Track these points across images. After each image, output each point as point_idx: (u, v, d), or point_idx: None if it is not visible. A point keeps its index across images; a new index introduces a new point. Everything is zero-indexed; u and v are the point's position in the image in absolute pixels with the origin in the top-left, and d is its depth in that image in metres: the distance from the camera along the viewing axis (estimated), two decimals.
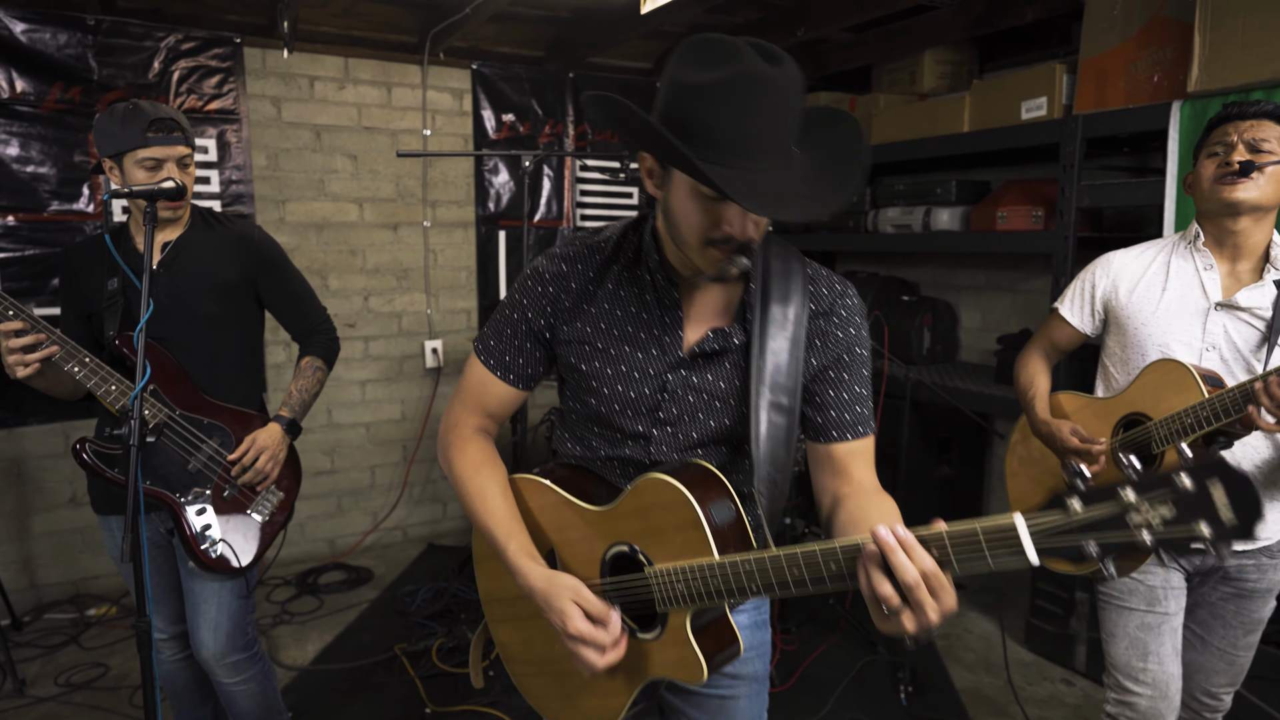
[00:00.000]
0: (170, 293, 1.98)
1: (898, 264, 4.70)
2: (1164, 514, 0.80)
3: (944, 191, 3.74)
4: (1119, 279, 1.92)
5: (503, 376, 1.32)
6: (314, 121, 3.81)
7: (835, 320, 1.25)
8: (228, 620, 2.04)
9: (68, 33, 3.28)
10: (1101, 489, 0.83)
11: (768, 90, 0.99)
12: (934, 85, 4.13)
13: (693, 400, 1.24)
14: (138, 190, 1.69)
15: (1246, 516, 0.76)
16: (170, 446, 1.96)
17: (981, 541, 0.88)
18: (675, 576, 1.13)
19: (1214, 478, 0.78)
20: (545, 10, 4.03)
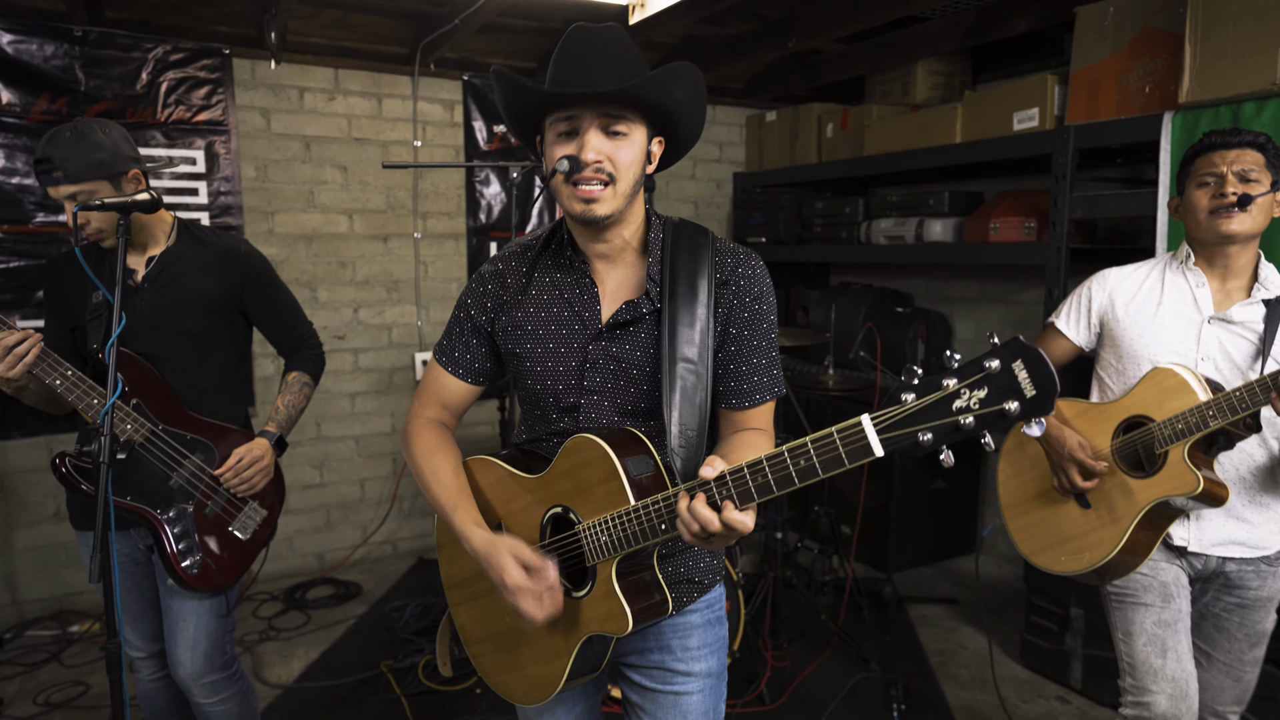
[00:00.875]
0: (154, 308, 1.96)
1: (892, 275, 4.68)
2: (979, 396, 0.89)
3: (937, 202, 3.73)
4: (1115, 293, 1.97)
5: (453, 371, 1.46)
6: (303, 133, 3.79)
7: (734, 287, 1.33)
8: (206, 639, 2.00)
9: (54, 44, 3.27)
10: (928, 380, 0.93)
11: (587, 36, 1.25)
12: (926, 96, 4.13)
13: (614, 369, 1.34)
14: (111, 203, 1.66)
15: (1045, 390, 0.85)
16: (152, 461, 1.93)
17: (836, 440, 0.99)
18: (599, 528, 1.24)
19: (1016, 358, 0.87)
20: (536, 21, 4.02)
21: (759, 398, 1.36)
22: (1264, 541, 1.84)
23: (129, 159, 1.92)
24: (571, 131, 1.24)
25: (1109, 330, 1.97)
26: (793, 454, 1.03)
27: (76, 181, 1.81)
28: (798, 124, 4.58)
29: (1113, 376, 1.98)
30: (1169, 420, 1.78)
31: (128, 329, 1.91)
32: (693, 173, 4.90)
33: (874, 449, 0.96)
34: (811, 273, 5.14)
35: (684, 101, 1.28)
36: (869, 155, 4.00)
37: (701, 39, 4.28)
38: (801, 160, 4.55)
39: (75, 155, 1.81)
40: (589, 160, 1.22)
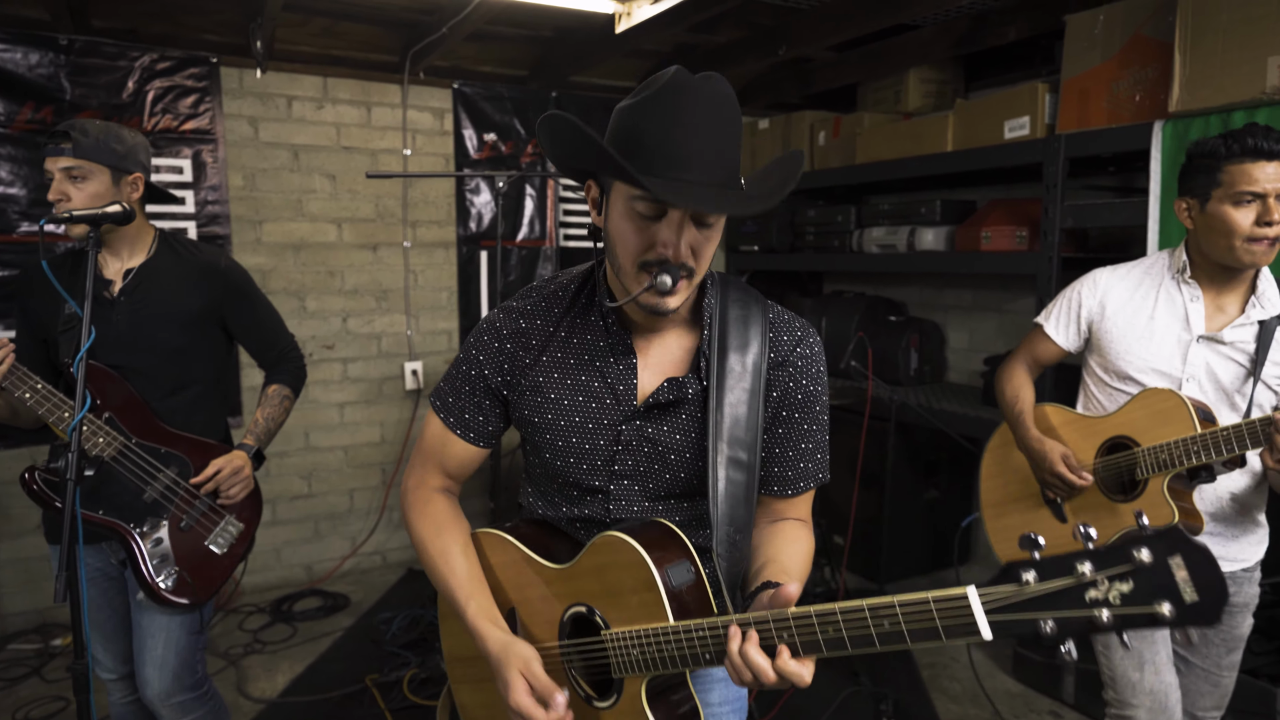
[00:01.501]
0: (132, 321, 1.93)
1: (885, 284, 4.66)
2: (1122, 590, 0.76)
3: (928, 211, 3.70)
4: (1106, 299, 1.90)
5: (462, 435, 1.28)
6: (292, 141, 3.77)
7: (790, 370, 1.20)
8: (175, 658, 1.96)
9: (39, 52, 3.25)
10: (1057, 560, 0.79)
11: (694, 98, 1.01)
12: (919, 104, 4.11)
13: (649, 452, 1.19)
14: (79, 215, 1.64)
15: (1210, 596, 0.72)
16: (125, 475, 1.90)
17: (933, 610, 0.84)
18: (630, 641, 1.09)
19: (1175, 553, 0.73)
20: (528, 29, 4.00)
21: (803, 485, 1.24)
22: (1242, 554, 1.83)
23: (139, 164, 1.95)
24: (657, 214, 1.04)
25: (1097, 337, 1.91)
26: (875, 614, 0.87)
27: (80, 156, 1.81)
28: (790, 132, 4.56)
29: (1098, 386, 1.93)
30: (1155, 449, 1.74)
31: (102, 342, 1.89)
32: None
33: (981, 630, 0.81)
34: (805, 281, 5.12)
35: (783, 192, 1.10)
36: (861, 164, 3.98)
37: (693, 47, 4.26)
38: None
39: (93, 136, 1.84)
40: (680, 258, 1.04)
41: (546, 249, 4.45)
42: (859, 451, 3.51)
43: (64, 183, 1.84)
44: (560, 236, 4.49)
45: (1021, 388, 2.04)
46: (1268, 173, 1.61)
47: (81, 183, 1.84)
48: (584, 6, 2.54)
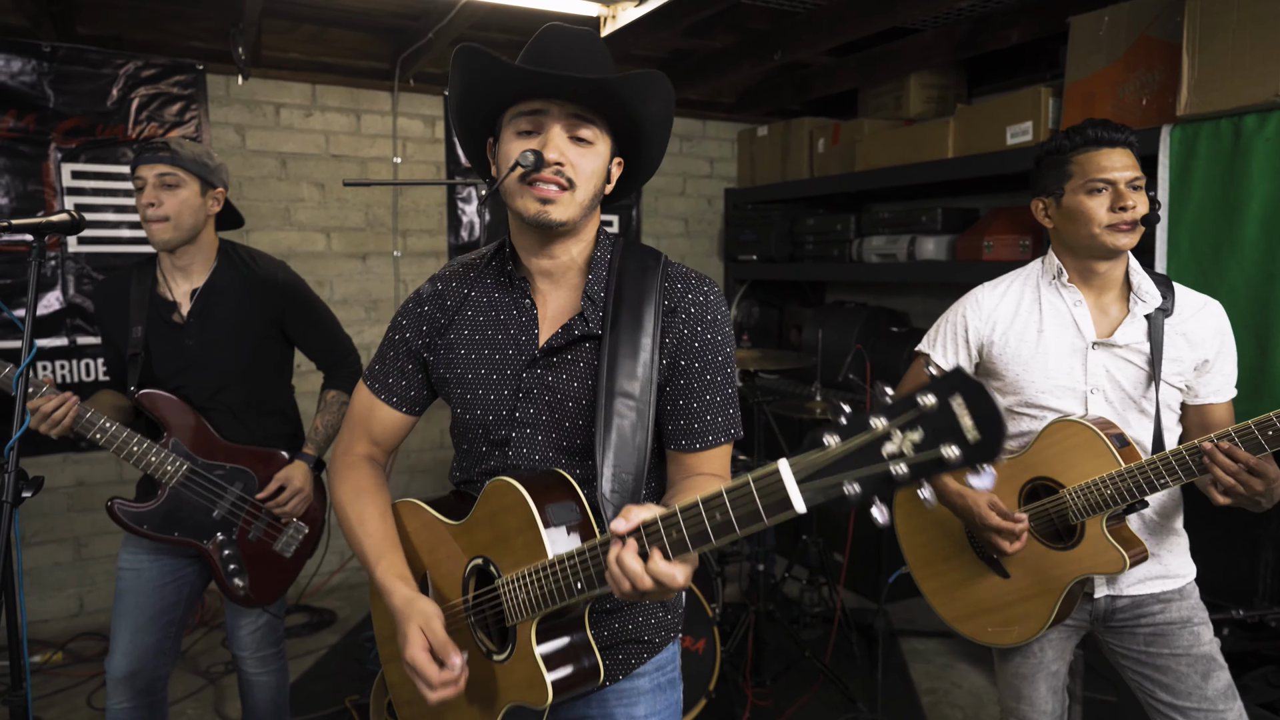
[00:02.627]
0: (202, 347, 2.03)
1: (888, 294, 4.55)
2: (914, 439, 0.74)
3: (929, 220, 3.61)
4: (993, 319, 1.75)
5: (386, 399, 1.34)
6: (280, 149, 3.72)
7: (683, 315, 1.21)
8: (265, 624, 2.18)
9: (22, 60, 3.21)
10: (854, 420, 0.78)
11: (560, 31, 1.18)
12: (920, 110, 4.01)
13: (549, 400, 1.22)
14: (19, 224, 1.57)
15: (990, 432, 0.71)
16: (194, 497, 1.99)
17: (753, 490, 0.85)
18: (517, 584, 1.12)
19: (955, 392, 0.72)
20: (520, 36, 3.94)
21: (711, 439, 1.22)
22: (1175, 570, 1.70)
23: (223, 181, 2.05)
24: (534, 130, 1.14)
25: (989, 361, 1.76)
26: (708, 505, 0.89)
27: (176, 164, 1.92)
28: (789, 139, 4.47)
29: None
30: (1083, 489, 1.61)
31: (177, 365, 2.01)
32: (683, 189, 4.80)
33: (794, 503, 0.81)
34: (807, 291, 5.02)
35: (656, 117, 1.20)
36: (860, 171, 3.89)
37: (688, 52, 4.19)
38: (793, 176, 4.45)
39: (188, 150, 1.97)
40: (550, 159, 1.12)
41: None
42: None
43: (157, 189, 1.93)
44: None
45: None
46: (1114, 160, 1.60)
47: (174, 189, 1.93)
48: (568, 10, 2.47)
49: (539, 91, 1.12)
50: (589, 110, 1.15)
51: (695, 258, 4.89)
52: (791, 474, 0.81)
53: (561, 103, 1.13)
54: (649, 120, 1.19)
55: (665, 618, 1.32)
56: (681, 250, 4.85)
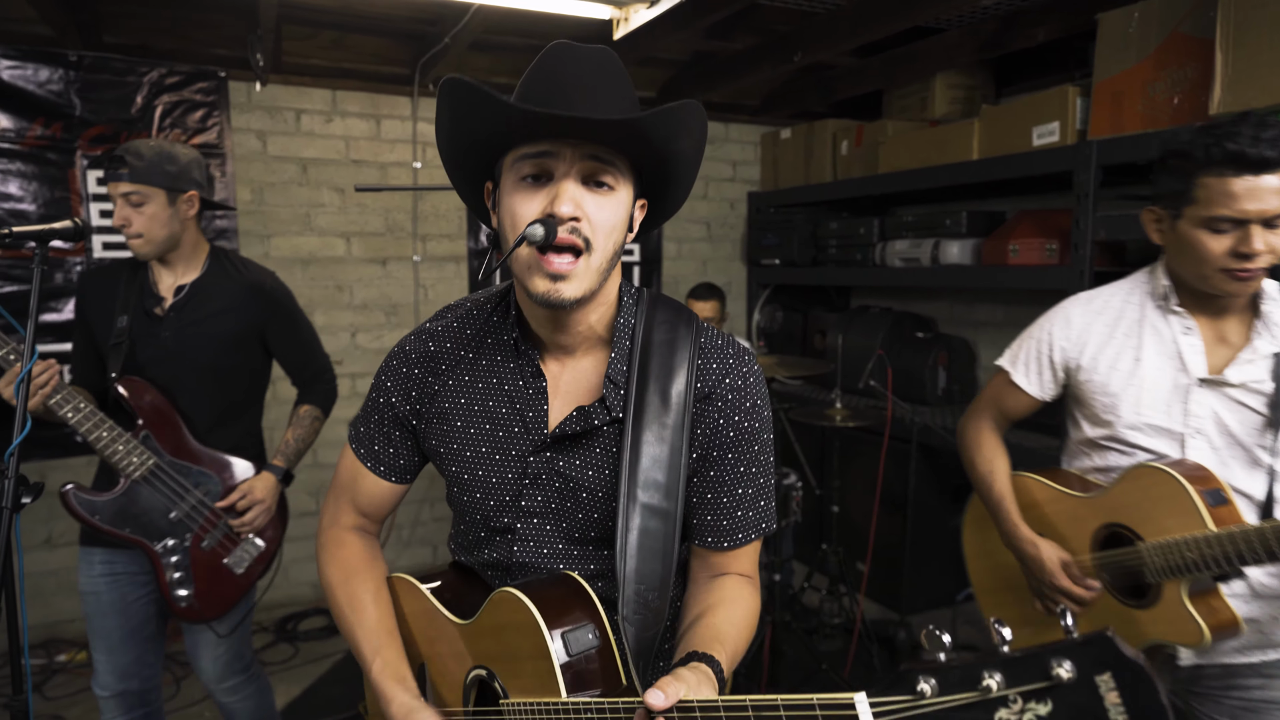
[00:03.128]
0: (178, 337, 1.98)
1: (914, 298, 4.46)
2: (1039, 713, 0.60)
3: (954, 223, 3.52)
4: (1083, 341, 1.55)
5: (373, 468, 1.19)
6: (300, 155, 3.74)
7: (719, 404, 1.06)
8: (227, 651, 2.09)
9: (49, 69, 3.26)
10: (963, 668, 0.63)
11: (572, 54, 0.98)
12: (946, 110, 3.93)
13: (559, 488, 1.08)
14: (20, 232, 1.58)
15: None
16: (155, 494, 1.95)
17: (818, 714, 0.69)
18: (524, 714, 0.98)
19: (1103, 669, 0.58)
20: (539, 40, 3.93)
21: (741, 537, 1.08)
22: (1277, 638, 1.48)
23: (193, 181, 1.98)
24: (541, 175, 0.96)
25: (1076, 386, 1.57)
26: (759, 712, 0.75)
27: (136, 181, 1.87)
28: (812, 141, 4.41)
29: (1085, 445, 1.59)
30: (1161, 548, 1.40)
31: (149, 357, 1.96)
32: (705, 192, 4.76)
33: None
34: (831, 296, 4.95)
35: (689, 154, 1.03)
36: (883, 173, 3.81)
37: (709, 55, 4.15)
38: (816, 179, 4.38)
39: (147, 159, 1.89)
40: (563, 215, 0.93)
41: None
42: (878, 474, 3.33)
43: (125, 208, 1.90)
44: None
45: (994, 458, 1.67)
46: (1252, 190, 1.27)
47: (140, 207, 1.90)
48: (579, 13, 2.45)
49: (549, 132, 0.93)
50: (608, 150, 0.96)
51: (718, 262, 4.84)
52: (870, 713, 0.67)
53: (576, 143, 0.95)
54: (680, 158, 1.02)
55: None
56: (704, 254, 4.80)
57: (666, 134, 0.96)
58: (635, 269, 4.59)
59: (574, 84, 0.95)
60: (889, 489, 3.52)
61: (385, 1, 3.08)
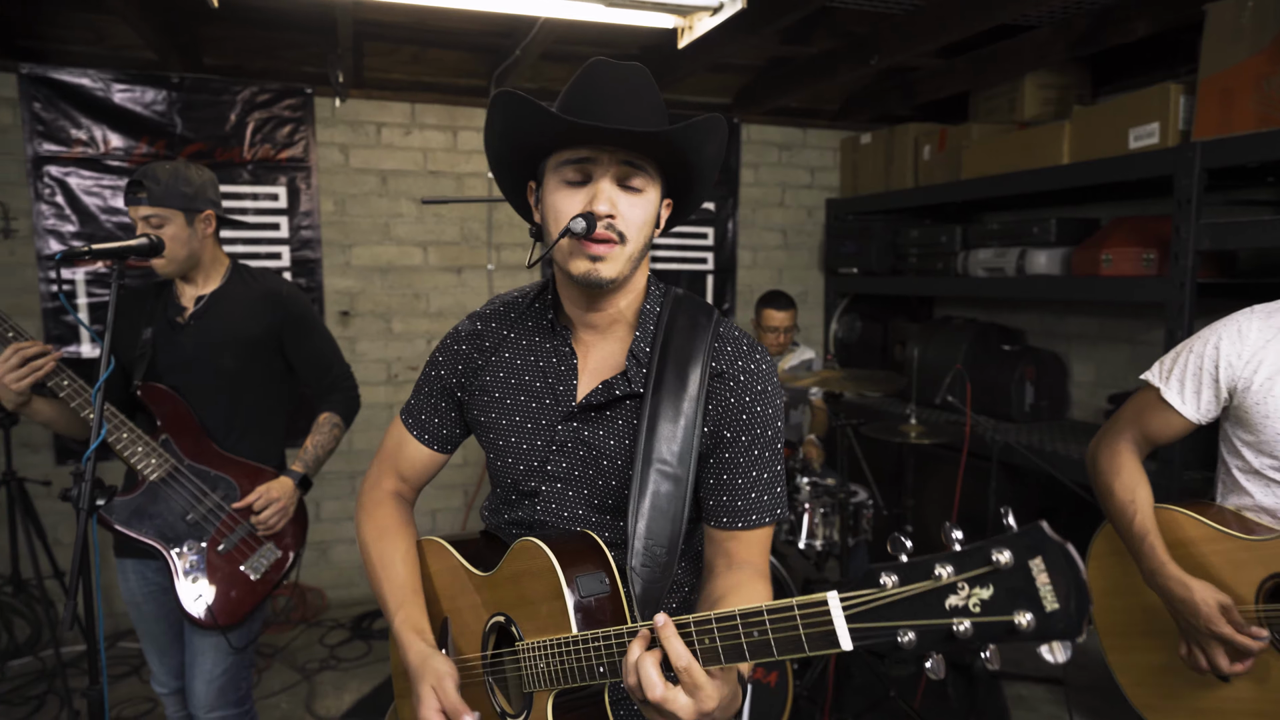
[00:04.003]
0: (196, 344, 2.03)
1: (1001, 309, 4.25)
2: (982, 597, 0.68)
3: (1041, 231, 3.33)
4: (1260, 359, 1.37)
5: (418, 436, 1.32)
6: (380, 167, 3.87)
7: (731, 383, 1.15)
8: (222, 675, 2.03)
9: (155, 90, 3.48)
10: (919, 563, 0.71)
11: (607, 71, 1.10)
12: (1037, 112, 3.73)
13: (583, 455, 1.18)
14: (98, 249, 1.67)
15: (1072, 603, 0.64)
16: (173, 496, 1.97)
17: (796, 617, 0.78)
18: (537, 653, 1.07)
19: (1036, 554, 0.65)
20: (613, 49, 3.94)
21: (754, 519, 1.15)
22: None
23: (208, 201, 2.05)
24: (582, 179, 1.08)
25: (1245, 408, 1.40)
26: (746, 621, 0.83)
27: (155, 204, 1.94)
28: (893, 146, 4.26)
29: (1249, 476, 1.41)
30: None
31: (168, 364, 2.02)
32: (781, 199, 4.67)
33: (840, 640, 0.75)
34: (914, 306, 4.77)
35: (712, 159, 1.14)
36: (966, 179, 3.64)
37: (785, 60, 4.07)
38: (896, 185, 4.23)
39: (164, 183, 1.95)
40: (601, 213, 1.05)
41: None
42: (955, 493, 3.18)
43: (145, 229, 1.96)
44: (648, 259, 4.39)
45: (1136, 485, 1.50)
46: None
47: (161, 228, 1.96)
48: (643, 23, 2.44)
49: (589, 140, 1.06)
50: (640, 157, 1.09)
51: (794, 270, 4.74)
52: (841, 610, 0.75)
53: (613, 150, 1.07)
54: (704, 163, 1.13)
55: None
56: (780, 263, 4.71)
57: (691, 144, 1.08)
58: (709, 277, 4.55)
59: (611, 97, 1.07)
60: (968, 509, 3.36)
61: (459, 15, 3.15)
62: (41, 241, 3.41)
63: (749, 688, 1.21)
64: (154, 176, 1.95)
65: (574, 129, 1.03)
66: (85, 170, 3.44)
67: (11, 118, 3.38)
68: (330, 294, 3.85)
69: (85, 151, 3.44)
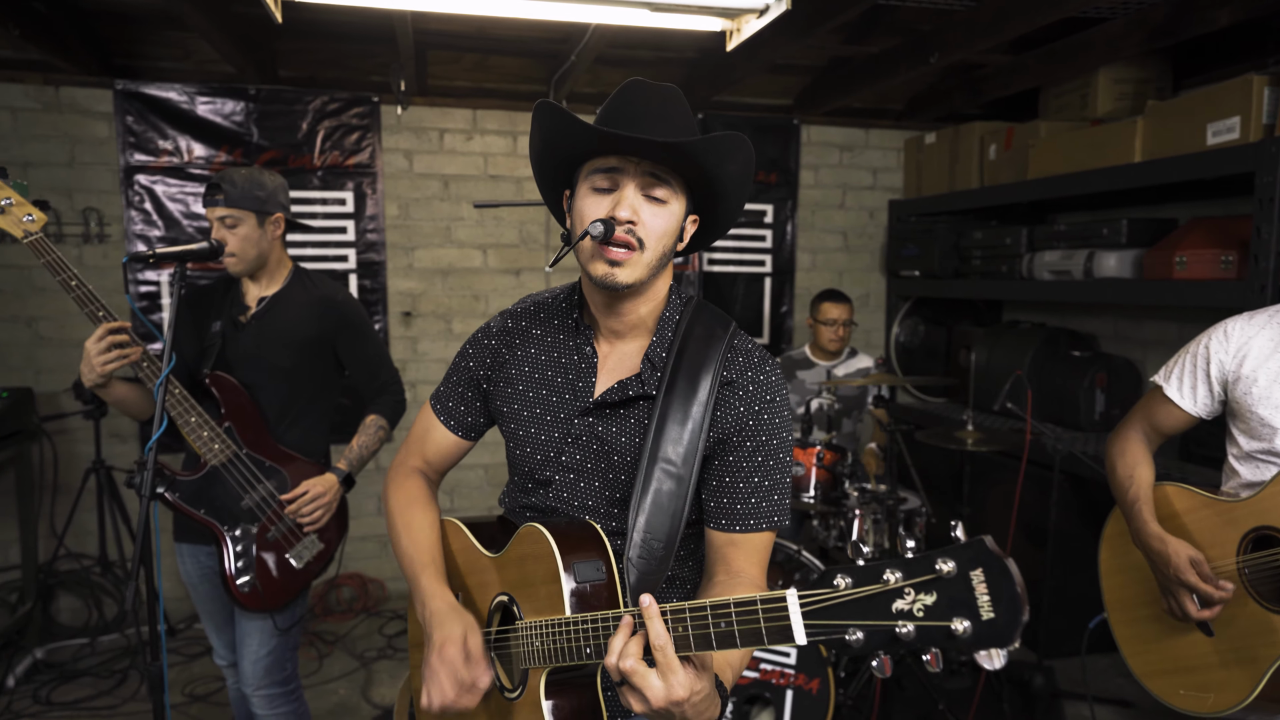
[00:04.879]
0: (257, 343, 2.16)
1: (1072, 314, 4.09)
2: (926, 602, 0.73)
3: (1112, 232, 3.19)
4: (1243, 354, 1.56)
5: (444, 421, 1.41)
6: (443, 172, 3.98)
7: (740, 393, 1.20)
8: (268, 655, 2.15)
9: (233, 101, 3.67)
10: (868, 568, 0.77)
11: (640, 89, 1.18)
12: (1111, 108, 3.58)
13: (596, 449, 1.24)
14: (161, 253, 1.78)
15: (1007, 614, 0.68)
16: (230, 482, 2.09)
17: (759, 611, 0.84)
18: (534, 632, 1.13)
19: (977, 565, 0.70)
20: (671, 52, 3.96)
21: (752, 524, 1.19)
22: None
23: (279, 204, 2.18)
24: (610, 187, 1.16)
25: (1235, 401, 1.57)
26: (715, 612, 0.89)
27: (230, 206, 2.07)
28: (958, 146, 4.15)
29: (1242, 461, 1.57)
30: None
31: (232, 359, 2.14)
32: (842, 201, 4.60)
33: (795, 634, 0.80)
34: (981, 310, 4.63)
35: (735, 176, 1.18)
36: (1033, 179, 3.52)
37: (846, 60, 4.01)
38: (961, 185, 4.12)
39: (240, 186, 2.08)
40: (621, 218, 1.12)
41: (689, 274, 4.36)
42: (1014, 503, 3.07)
43: (220, 229, 2.09)
44: (704, 260, 4.39)
45: (1138, 465, 1.69)
46: None
47: (234, 229, 2.09)
48: (688, 26, 2.44)
49: (616, 149, 1.13)
50: (665, 169, 1.15)
51: (855, 273, 4.66)
52: (799, 607, 0.81)
53: (638, 160, 1.14)
54: (726, 180, 1.17)
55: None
56: (840, 265, 4.64)
57: (710, 160, 1.13)
58: (767, 280, 4.51)
59: (643, 113, 1.14)
60: (1028, 520, 3.24)
61: (516, 23, 3.22)
62: (131, 245, 3.64)
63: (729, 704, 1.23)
64: (231, 180, 2.08)
65: (602, 138, 1.11)
66: (170, 178, 3.66)
67: (107, 130, 3.62)
68: (394, 295, 3.99)
69: (171, 160, 3.65)
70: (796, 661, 2.54)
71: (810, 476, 2.96)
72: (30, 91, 3.54)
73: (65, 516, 3.62)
